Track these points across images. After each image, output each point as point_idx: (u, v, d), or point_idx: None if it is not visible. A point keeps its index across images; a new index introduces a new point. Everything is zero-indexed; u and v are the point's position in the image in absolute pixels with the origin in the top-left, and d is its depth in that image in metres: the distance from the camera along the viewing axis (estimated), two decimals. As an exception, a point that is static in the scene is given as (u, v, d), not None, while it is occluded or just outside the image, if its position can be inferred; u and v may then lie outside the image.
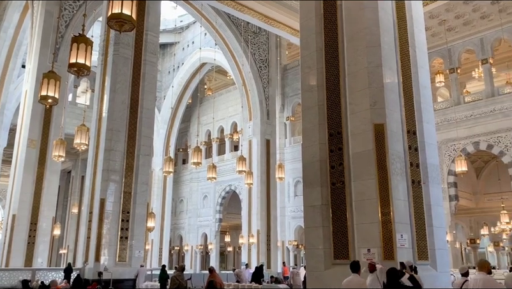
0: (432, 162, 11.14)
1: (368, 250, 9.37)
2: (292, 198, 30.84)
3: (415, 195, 10.39)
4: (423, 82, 11.49)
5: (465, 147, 25.11)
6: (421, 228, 10.22)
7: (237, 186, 33.08)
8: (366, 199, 9.93)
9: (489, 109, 24.49)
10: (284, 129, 32.74)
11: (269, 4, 24.70)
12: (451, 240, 24.64)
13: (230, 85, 36.10)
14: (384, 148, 10.09)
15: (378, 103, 10.34)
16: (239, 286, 14.77)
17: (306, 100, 11.86)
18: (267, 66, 30.84)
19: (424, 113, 11.21)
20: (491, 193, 29.28)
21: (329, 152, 10.88)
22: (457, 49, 27.04)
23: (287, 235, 30.90)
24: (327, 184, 10.70)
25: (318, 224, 10.62)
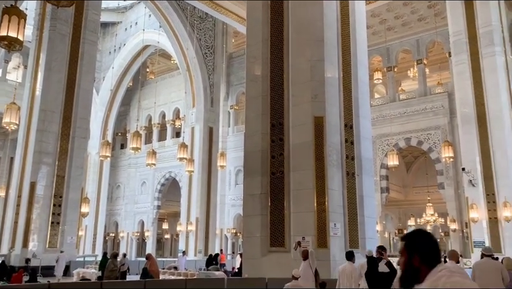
0: (366, 155, 11.70)
1: (302, 238, 9.70)
2: (233, 186, 31.01)
3: (349, 186, 10.88)
4: (362, 78, 11.98)
5: (398, 142, 26.52)
6: (353, 218, 10.73)
7: (178, 173, 32.70)
8: (303, 189, 10.25)
9: (421, 107, 25.98)
10: (227, 117, 32.71)
11: (217, -10, 24.45)
12: (381, 229, 26.04)
13: (174, 70, 35.39)
14: (323, 140, 10.44)
15: (319, 97, 10.65)
16: (175, 273, 14.70)
17: (250, 90, 11.96)
18: (212, 52, 30.56)
19: (362, 108, 11.71)
20: (419, 186, 31.23)
21: (271, 142, 11.07)
22: (395, 48, 28.35)
23: (226, 223, 31.10)
24: (267, 173, 10.90)
25: (257, 212, 10.81)
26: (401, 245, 2.13)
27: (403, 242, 2.12)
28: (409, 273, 2.03)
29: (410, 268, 2.03)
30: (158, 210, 35.06)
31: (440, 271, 1.94)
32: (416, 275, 2.01)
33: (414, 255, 2.04)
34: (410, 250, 2.06)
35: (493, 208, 19.01)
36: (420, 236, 2.12)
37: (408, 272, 2.04)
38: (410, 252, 2.06)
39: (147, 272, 11.79)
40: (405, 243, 2.10)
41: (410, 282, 2.03)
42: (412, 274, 2.03)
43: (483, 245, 18.75)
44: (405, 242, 2.10)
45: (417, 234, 2.13)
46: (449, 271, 1.93)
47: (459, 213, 23.48)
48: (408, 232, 2.19)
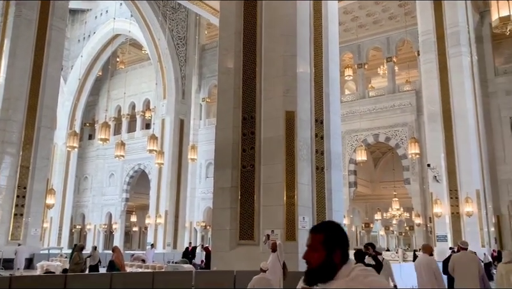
0: (336, 150, 11.88)
1: (271, 231, 9.79)
2: (203, 180, 30.90)
3: (318, 180, 11.03)
4: (333, 74, 12.12)
5: (366, 138, 27.03)
6: (321, 211, 10.90)
7: (147, 165, 32.28)
8: (274, 183, 10.33)
9: (389, 104, 26.55)
10: (199, 110, 32.47)
11: (190, -20, 24.13)
12: (348, 223, 26.55)
13: (145, 61, 34.78)
14: (293, 134, 10.54)
15: (290, 91, 10.72)
16: (142, 265, 14.56)
17: (222, 82, 11.91)
18: (185, 44, 30.20)
19: (332, 104, 11.86)
20: (385, 181, 31.99)
21: (242, 136, 11.08)
22: (366, 46, 28.80)
23: (196, 216, 30.99)
24: (238, 167, 10.91)
25: (227, 205, 10.83)
26: (311, 237, 1.90)
27: (318, 234, 1.89)
28: (326, 270, 1.84)
29: (329, 265, 1.84)
30: (127, 203, 34.56)
31: (354, 269, 1.82)
32: (332, 273, 1.84)
33: (335, 250, 1.85)
34: (331, 245, 1.86)
35: (456, 204, 19.71)
36: (340, 229, 1.92)
37: (325, 268, 1.84)
38: (331, 246, 1.85)
39: (113, 264, 11.62)
40: (324, 237, 1.87)
41: (322, 280, 1.84)
42: (329, 271, 1.84)
43: (445, 239, 19.46)
44: (324, 235, 1.87)
45: (338, 228, 1.92)
46: (364, 270, 1.81)
47: (424, 208, 24.20)
48: (322, 223, 1.97)
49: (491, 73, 24.30)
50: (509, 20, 9.13)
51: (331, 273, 1.83)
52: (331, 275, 1.82)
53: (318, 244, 1.86)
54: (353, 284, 1.76)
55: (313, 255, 1.86)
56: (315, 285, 1.86)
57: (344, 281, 1.78)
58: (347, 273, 1.80)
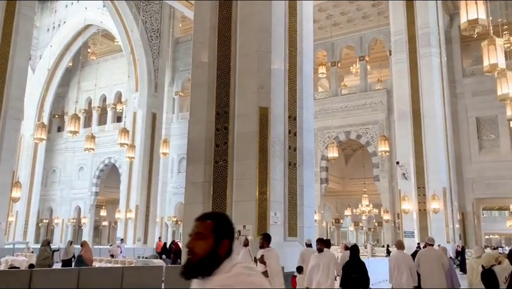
0: (308, 146, 12.00)
1: (243, 226, 9.82)
2: (175, 174, 30.65)
3: (290, 176, 11.12)
4: (307, 71, 12.22)
5: (338, 135, 27.41)
6: (293, 207, 11.00)
7: (118, 159, 31.72)
8: (246, 178, 10.35)
9: (361, 103, 26.99)
10: (172, 104, 32.13)
11: (165, -28, 23.77)
12: (319, 219, 26.91)
13: (117, 52, 34.06)
14: (267, 130, 10.58)
15: (265, 88, 10.75)
16: (111, 260, 14.34)
17: (196, 76, 11.82)
18: (158, 36, 29.75)
19: (305, 101, 11.96)
20: (356, 178, 32.53)
21: (215, 130, 11.05)
22: (339, 44, 29.13)
23: (167, 211, 30.74)
24: (211, 162, 10.88)
25: (199, 200, 10.79)
26: (199, 224, 1.75)
27: (207, 221, 1.74)
28: (210, 262, 1.69)
29: (214, 257, 1.69)
30: (96, 196, 33.90)
31: (236, 266, 1.68)
32: (215, 266, 1.69)
33: (223, 240, 1.72)
34: (220, 233, 1.72)
35: (423, 201, 20.28)
36: (229, 220, 1.78)
37: (209, 260, 1.69)
38: (220, 235, 1.72)
39: (81, 259, 11.42)
40: (215, 224, 1.73)
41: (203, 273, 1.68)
42: (212, 264, 1.69)
43: (413, 235, 20.00)
44: (214, 222, 1.74)
45: (227, 218, 1.79)
46: (247, 268, 1.68)
47: (392, 204, 24.77)
48: (210, 213, 1.81)
49: (459, 74, 25.05)
50: (477, 23, 9.41)
51: (213, 266, 1.68)
52: (213, 268, 1.68)
53: (207, 231, 1.71)
54: (234, 281, 1.62)
55: (200, 243, 1.70)
56: (194, 278, 1.71)
57: (225, 276, 1.65)
58: (228, 269, 1.67)
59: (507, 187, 23.15)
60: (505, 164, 22.85)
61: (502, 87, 12.38)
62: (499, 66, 10.80)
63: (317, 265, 7.17)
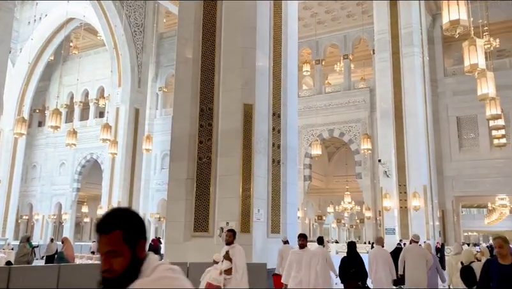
0: (292, 144, 12.05)
1: (226, 223, 9.82)
2: (158, 171, 30.46)
3: (274, 173, 11.16)
4: (291, 69, 12.25)
5: (322, 133, 27.59)
6: (276, 204, 11.04)
7: (100, 155, 31.33)
8: (230, 175, 10.34)
9: (345, 101, 27.21)
10: (156, 99, 31.87)
11: (150, -34, 23.51)
12: (302, 216, 27.07)
13: (100, 47, 33.59)
14: (251, 127, 10.58)
15: (249, 84, 10.74)
16: (92, 257, 14.19)
17: (180, 72, 11.74)
18: (142, 31, 29.42)
19: (290, 98, 12.00)
20: (339, 176, 32.83)
21: (199, 127, 11.00)
22: (324, 42, 29.29)
23: (150, 208, 30.53)
24: (194, 158, 10.83)
25: (182, 197, 10.74)
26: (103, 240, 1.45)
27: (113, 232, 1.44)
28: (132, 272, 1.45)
29: (136, 265, 1.47)
30: (78, 193, 33.45)
31: (157, 268, 1.47)
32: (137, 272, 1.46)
33: (139, 242, 1.48)
34: (133, 239, 1.47)
35: (404, 198, 20.58)
36: (133, 214, 1.51)
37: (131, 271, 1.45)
38: (134, 240, 1.46)
39: (62, 256, 11.26)
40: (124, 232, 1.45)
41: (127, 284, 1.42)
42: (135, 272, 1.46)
43: (394, 231, 20.27)
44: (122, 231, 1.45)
45: (130, 213, 1.51)
46: (171, 270, 1.47)
47: (374, 201, 25.08)
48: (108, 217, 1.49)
49: (440, 73, 25.46)
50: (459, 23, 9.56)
51: (136, 273, 1.46)
52: (135, 276, 1.45)
53: (119, 246, 1.44)
54: (160, 284, 1.42)
55: (117, 261, 1.44)
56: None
57: (147, 280, 1.43)
58: (149, 272, 1.46)
59: (486, 185, 23.66)
60: (484, 163, 23.35)
61: (481, 87, 12.60)
62: (479, 66, 10.98)
63: (297, 261, 6.88)
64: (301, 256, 6.92)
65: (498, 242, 4.03)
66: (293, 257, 6.92)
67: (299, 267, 6.87)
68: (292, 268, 6.73)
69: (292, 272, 6.79)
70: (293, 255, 6.95)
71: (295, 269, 6.84)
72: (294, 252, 6.98)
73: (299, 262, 6.88)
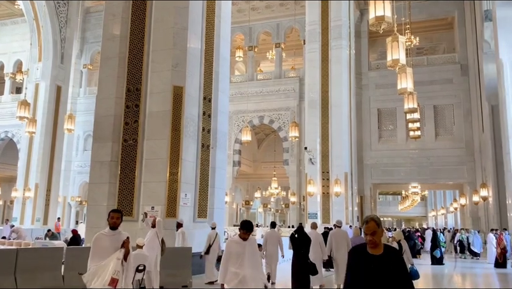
0: (222, 129, 12.05)
1: (152, 207, 9.64)
2: (81, 152, 29.05)
3: (203, 158, 11.11)
4: (224, 53, 12.19)
5: (252, 119, 27.85)
6: (204, 189, 11.03)
7: (16, 133, 29.11)
8: (157, 159, 10.13)
9: (275, 89, 27.63)
10: (80, 77, 30.17)
11: None
12: (230, 201, 27.31)
13: (18, 17, 30.92)
14: (180, 110, 10.40)
15: (179, 66, 10.52)
16: (5, 242, 13.27)
17: (106, 49, 11.21)
18: (66, 3, 27.52)
19: (221, 83, 11.95)
20: (267, 162, 33.43)
21: (125, 108, 10.62)
22: (257, 29, 29.40)
23: (71, 191, 29.09)
24: (119, 140, 10.47)
25: (105, 180, 10.36)
26: None
27: None
28: None
29: None
30: (-11, 174, 30.92)
31: None
32: None
33: None
34: None
35: (327, 184, 21.52)
36: None
37: None
38: None
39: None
40: None
41: None
42: None
43: (316, 216, 21.16)
44: None
45: None
46: None
47: (299, 187, 25.92)
48: None
49: (365, 67, 26.73)
50: (383, 20, 10.06)
51: None
52: None
53: None
54: None
55: None
56: None
57: None
58: None
59: (401, 173, 25.44)
60: (400, 153, 25.07)
61: (401, 82, 13.44)
62: (400, 62, 11.68)
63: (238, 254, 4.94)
64: (243, 248, 4.94)
65: (370, 226, 2.94)
66: (232, 248, 4.95)
67: (239, 262, 4.94)
68: (230, 262, 4.89)
69: (230, 268, 4.88)
70: (232, 246, 4.98)
71: (235, 264, 4.91)
72: (234, 242, 5.02)
73: (240, 255, 4.94)
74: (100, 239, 4.75)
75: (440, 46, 30.62)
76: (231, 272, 4.84)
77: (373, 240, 2.92)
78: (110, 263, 4.64)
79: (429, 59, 26.61)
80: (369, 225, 2.95)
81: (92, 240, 4.70)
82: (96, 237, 4.75)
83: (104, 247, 4.71)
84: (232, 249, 4.95)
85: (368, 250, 2.96)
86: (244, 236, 4.90)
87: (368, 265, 2.92)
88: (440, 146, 24.64)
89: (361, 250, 3.01)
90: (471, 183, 24.24)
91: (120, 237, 4.81)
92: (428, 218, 51.84)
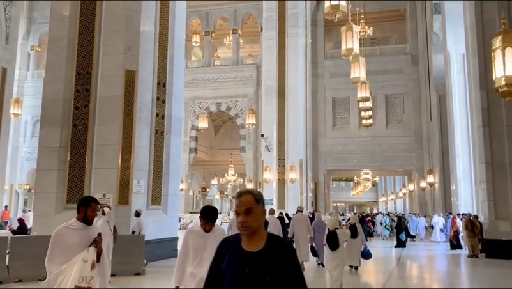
0: (177, 114, 11.87)
1: (103, 194, 9.39)
2: (29, 138, 27.78)
3: (157, 144, 10.92)
4: (179, 37, 11.95)
5: (209, 106, 27.65)
6: (158, 176, 10.86)
7: (-44, 117, 27.38)
8: (108, 145, 9.86)
9: (232, 75, 27.51)
10: (27, 59, 28.67)
11: None
12: (186, 188, 27.11)
13: (-43, -8, 28.87)
14: (133, 95, 10.14)
15: (132, 50, 10.23)
16: None
17: (55, 31, 10.72)
18: (11, -20, 25.96)
19: (176, 67, 11.73)
20: (224, 149, 33.39)
21: (75, 92, 10.23)
22: (214, 14, 29.02)
23: (18, 178, 27.82)
24: (69, 125, 10.09)
25: (54, 167, 9.98)
26: None
27: None
28: None
29: None
30: None
31: None
32: None
33: None
34: None
35: (282, 171, 21.83)
36: None
37: None
38: None
39: None
40: None
41: None
42: None
43: (272, 202, 21.43)
44: None
45: None
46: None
47: (256, 174, 26.12)
48: None
49: (321, 56, 27.13)
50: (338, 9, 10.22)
51: None
52: None
53: None
54: None
55: None
56: None
57: None
58: None
59: (353, 160, 26.21)
60: (352, 140, 25.79)
61: (354, 71, 13.76)
62: (354, 51, 11.94)
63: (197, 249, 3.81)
64: (204, 241, 3.80)
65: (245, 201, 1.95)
66: (190, 242, 3.84)
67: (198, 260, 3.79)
68: (187, 259, 3.84)
69: (187, 267, 3.84)
70: (190, 238, 3.86)
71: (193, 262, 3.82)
72: (193, 234, 3.90)
73: (200, 251, 3.79)
74: (65, 234, 3.52)
75: (392, 37, 31.54)
76: (187, 273, 3.77)
77: (246, 223, 1.89)
78: (74, 267, 3.47)
79: (382, 49, 27.37)
80: (242, 199, 1.94)
81: (53, 235, 3.48)
82: (58, 232, 3.51)
83: (70, 244, 3.51)
84: (190, 242, 3.82)
85: (243, 244, 1.92)
86: (205, 227, 3.81)
87: (240, 267, 1.86)
88: (391, 134, 25.56)
89: (231, 244, 1.96)
90: (419, 169, 25.37)
91: (93, 233, 3.63)
92: (378, 204, 53.86)
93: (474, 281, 9.76)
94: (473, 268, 11.52)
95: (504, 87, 6.67)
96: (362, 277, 9.98)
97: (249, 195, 1.96)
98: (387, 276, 10.02)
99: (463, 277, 10.98)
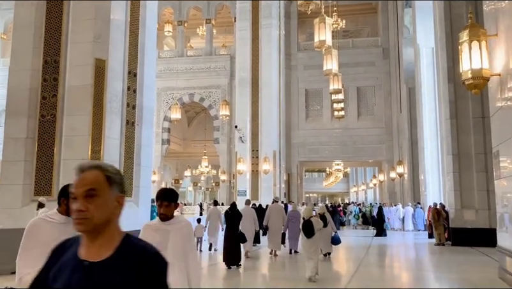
0: (148, 105, 11.68)
1: (72, 186, 9.19)
2: (-7, 128, 26.81)
3: (128, 135, 10.72)
4: (150, 26, 11.71)
5: (182, 97, 27.37)
6: (129, 167, 10.69)
7: None
8: (78, 135, 9.63)
9: (206, 66, 27.28)
10: (-9, 47, 27.61)
11: None
12: (158, 179, 26.84)
13: None
14: (103, 85, 9.91)
15: (102, 38, 9.98)
16: None
17: (20, 17, 10.33)
18: (-27, -37, 24.87)
19: (147, 56, 11.51)
20: (197, 140, 33.20)
21: (42, 81, 9.91)
22: (187, 4, 28.64)
23: (-18, 170, 26.88)
24: (36, 116, 9.78)
25: (20, 158, 9.68)
26: None
27: None
28: None
29: None
30: None
31: None
32: None
33: None
34: None
35: (256, 162, 21.91)
36: None
37: None
38: None
39: None
40: None
41: None
42: None
43: (245, 193, 21.50)
44: None
45: None
46: None
47: (230, 165, 26.11)
48: None
49: (294, 47, 27.19)
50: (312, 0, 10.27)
51: None
52: None
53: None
54: None
55: None
56: None
57: None
58: None
59: (326, 152, 26.53)
60: (325, 132, 26.07)
61: (327, 63, 13.88)
62: (327, 43, 12.04)
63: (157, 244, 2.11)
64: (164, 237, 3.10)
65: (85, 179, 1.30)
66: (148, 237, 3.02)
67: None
68: None
69: None
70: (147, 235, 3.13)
71: None
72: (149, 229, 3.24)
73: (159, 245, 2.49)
74: (42, 228, 2.71)
75: (364, 30, 31.93)
76: None
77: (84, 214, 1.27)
78: None
79: (354, 42, 27.67)
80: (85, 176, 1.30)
81: (27, 227, 2.70)
82: (33, 224, 2.73)
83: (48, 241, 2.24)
84: (148, 236, 3.03)
85: (81, 249, 1.30)
86: (161, 210, 3.12)
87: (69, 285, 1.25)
88: (362, 126, 25.97)
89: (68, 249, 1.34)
90: (389, 160, 25.92)
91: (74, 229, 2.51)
92: (349, 194, 54.79)
93: (439, 268, 10.10)
94: (439, 256, 11.92)
95: (470, 80, 6.87)
96: (334, 265, 10.27)
97: (95, 170, 1.32)
98: (358, 263, 10.27)
99: (428, 264, 11.34)
